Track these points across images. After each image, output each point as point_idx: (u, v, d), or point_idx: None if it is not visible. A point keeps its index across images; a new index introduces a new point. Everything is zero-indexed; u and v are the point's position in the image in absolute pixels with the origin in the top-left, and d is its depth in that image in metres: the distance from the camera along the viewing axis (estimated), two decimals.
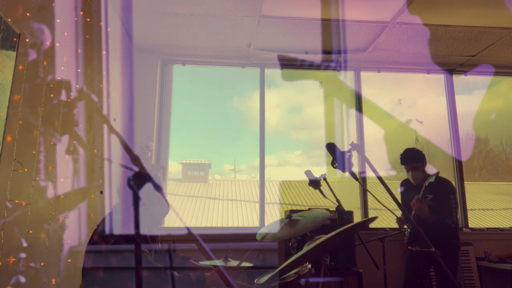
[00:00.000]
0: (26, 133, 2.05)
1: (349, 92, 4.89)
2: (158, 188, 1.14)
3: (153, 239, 2.18)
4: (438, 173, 3.20)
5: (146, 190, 1.04)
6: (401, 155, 3.46)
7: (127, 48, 4.04)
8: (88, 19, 2.87)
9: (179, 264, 2.10)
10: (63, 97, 2.45)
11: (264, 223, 4.34)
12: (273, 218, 5.27)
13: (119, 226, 1.88)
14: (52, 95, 2.31)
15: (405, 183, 3.53)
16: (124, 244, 1.84)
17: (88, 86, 2.84)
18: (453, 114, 4.83)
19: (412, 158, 3.38)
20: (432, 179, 3.12)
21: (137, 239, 1.08)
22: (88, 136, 2.83)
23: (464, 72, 4.93)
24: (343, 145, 1.78)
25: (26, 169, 2.02)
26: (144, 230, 2.05)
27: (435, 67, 4.87)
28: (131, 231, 1.76)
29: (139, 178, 1.02)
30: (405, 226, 3.32)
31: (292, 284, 2.09)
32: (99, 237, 1.88)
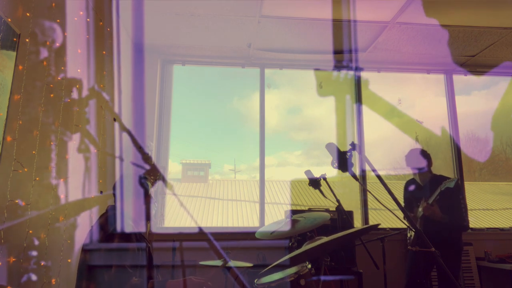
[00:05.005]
0: (26, 133, 2.05)
1: (349, 92, 4.89)
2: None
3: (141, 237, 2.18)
4: (458, 179, 3.18)
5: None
6: (406, 156, 3.46)
7: (127, 48, 4.04)
8: (88, 19, 2.87)
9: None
10: (63, 97, 2.45)
11: (264, 223, 4.34)
12: (273, 218, 5.27)
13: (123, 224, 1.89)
14: (52, 95, 2.31)
15: (411, 182, 3.52)
16: (124, 242, 1.85)
17: (88, 86, 2.84)
18: (453, 114, 4.82)
19: (418, 158, 3.38)
20: (451, 185, 3.04)
21: (145, 238, 1.09)
22: (89, 135, 2.82)
23: (464, 72, 4.93)
24: (343, 145, 1.78)
25: (26, 169, 2.02)
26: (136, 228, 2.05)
27: (435, 67, 4.88)
28: (136, 229, 1.77)
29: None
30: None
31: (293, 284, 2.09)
32: (102, 235, 1.89)
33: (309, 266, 2.22)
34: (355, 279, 3.50)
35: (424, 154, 3.41)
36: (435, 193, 3.13)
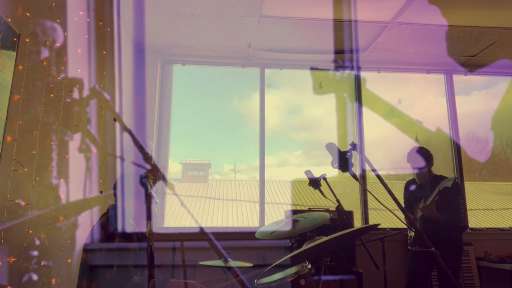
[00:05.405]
0: (26, 133, 2.05)
1: (349, 92, 4.89)
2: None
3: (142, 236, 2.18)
4: (455, 178, 3.18)
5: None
6: (408, 153, 3.47)
7: (127, 48, 4.04)
8: (88, 19, 2.87)
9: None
10: (63, 97, 2.45)
11: (264, 223, 4.34)
12: (273, 218, 5.27)
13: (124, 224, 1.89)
14: (52, 95, 2.31)
15: (412, 183, 3.53)
16: (125, 242, 1.85)
17: (88, 86, 2.84)
18: (453, 114, 4.83)
19: (419, 157, 3.39)
20: (448, 184, 3.06)
21: (146, 237, 1.09)
22: (90, 135, 2.83)
23: (464, 72, 4.93)
24: (343, 145, 1.78)
25: (26, 169, 2.02)
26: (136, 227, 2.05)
27: (435, 67, 4.88)
28: (136, 228, 1.77)
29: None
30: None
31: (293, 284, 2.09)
32: (103, 235, 1.89)
33: (309, 266, 2.22)
34: (355, 279, 3.51)
35: (426, 154, 3.41)
36: (433, 193, 3.14)
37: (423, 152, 3.42)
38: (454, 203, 3.24)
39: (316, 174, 2.58)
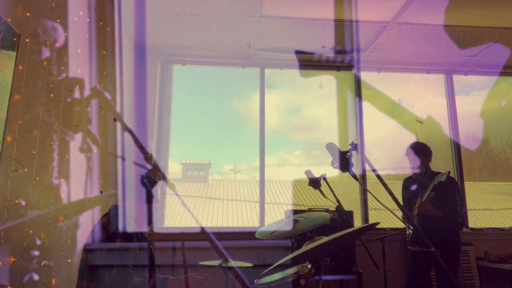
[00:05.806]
0: (26, 133, 2.05)
1: (349, 92, 4.89)
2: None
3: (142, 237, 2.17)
4: (449, 172, 3.18)
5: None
6: (407, 148, 3.49)
7: (127, 48, 4.04)
8: (88, 19, 2.87)
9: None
10: (64, 97, 2.46)
11: (264, 223, 4.34)
12: (273, 218, 5.27)
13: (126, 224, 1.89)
14: (52, 95, 2.31)
15: (409, 179, 3.53)
16: (125, 242, 1.85)
17: (88, 86, 2.84)
18: (453, 114, 4.83)
19: (416, 150, 3.39)
20: (442, 178, 3.07)
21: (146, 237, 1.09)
22: (90, 135, 2.83)
23: (464, 72, 4.93)
24: (343, 145, 1.78)
25: (26, 169, 2.02)
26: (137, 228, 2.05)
27: (435, 67, 4.88)
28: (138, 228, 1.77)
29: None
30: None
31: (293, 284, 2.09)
32: (104, 235, 1.89)
33: (309, 266, 2.22)
34: (355, 279, 3.51)
35: (424, 149, 3.41)
36: (428, 188, 3.14)
37: (422, 147, 3.42)
38: (450, 198, 3.23)
39: (316, 174, 2.58)
